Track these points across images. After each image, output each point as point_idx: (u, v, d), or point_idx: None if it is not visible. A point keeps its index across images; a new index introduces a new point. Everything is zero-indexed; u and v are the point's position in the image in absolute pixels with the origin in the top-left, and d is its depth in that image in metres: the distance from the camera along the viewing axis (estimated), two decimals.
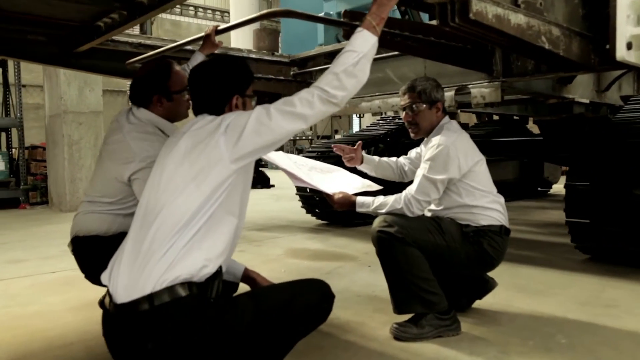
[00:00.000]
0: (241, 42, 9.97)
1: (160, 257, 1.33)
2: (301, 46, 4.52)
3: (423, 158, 2.22)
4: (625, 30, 1.87)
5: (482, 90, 3.00)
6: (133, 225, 1.46)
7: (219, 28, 2.43)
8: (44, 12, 2.59)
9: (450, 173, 2.12)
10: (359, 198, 2.21)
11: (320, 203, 4.93)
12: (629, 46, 1.88)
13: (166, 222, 1.37)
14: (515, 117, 6.30)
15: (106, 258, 1.48)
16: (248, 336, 1.40)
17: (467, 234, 2.14)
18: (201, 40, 2.56)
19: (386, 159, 2.56)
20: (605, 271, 3.13)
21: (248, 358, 1.41)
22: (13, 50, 3.22)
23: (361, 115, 5.34)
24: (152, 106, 1.95)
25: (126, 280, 1.35)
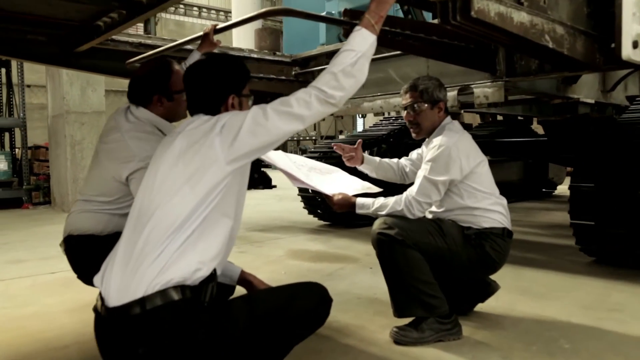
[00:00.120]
0: (243, 42, 9.96)
1: (153, 260, 1.30)
2: (303, 46, 4.48)
3: (424, 159, 2.18)
4: (631, 28, 1.83)
5: (485, 90, 2.96)
6: (126, 226, 1.43)
7: (218, 27, 2.41)
8: (44, 12, 2.59)
9: (451, 174, 2.08)
10: (359, 199, 2.18)
11: (322, 204, 4.90)
12: (635, 45, 1.84)
13: (159, 224, 1.34)
14: (519, 118, 6.26)
15: (101, 258, 1.46)
16: (243, 341, 1.37)
17: (469, 237, 2.10)
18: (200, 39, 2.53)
19: (387, 160, 2.52)
20: (610, 274, 3.08)
21: None
22: (13, 50, 3.21)
23: (364, 115, 5.31)
24: (152, 106, 1.93)
25: (118, 283, 1.33)
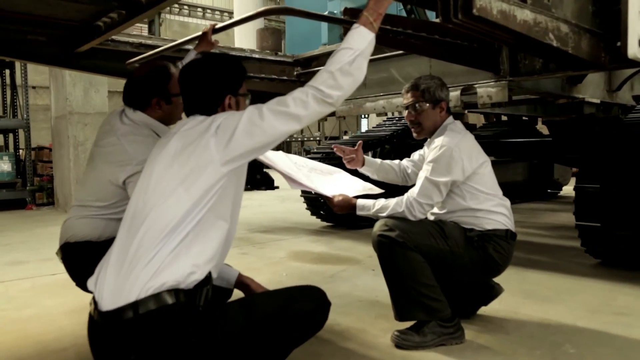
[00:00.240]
0: (245, 42, 9.95)
1: (146, 263, 1.28)
2: (305, 46, 4.46)
3: (426, 160, 2.15)
4: (637, 26, 1.79)
5: (489, 90, 2.92)
6: (121, 229, 1.41)
7: (217, 27, 2.38)
8: (44, 12, 2.58)
9: (453, 175, 2.04)
10: (360, 201, 2.15)
11: (325, 205, 4.87)
12: None
13: (153, 227, 1.32)
14: (524, 118, 6.21)
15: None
16: (239, 345, 1.35)
17: (472, 239, 2.06)
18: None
19: (388, 162, 2.49)
20: (616, 276, 3.03)
21: None
22: (13, 50, 3.20)
23: (366, 115, 5.28)
24: (150, 109, 1.90)
25: (112, 286, 1.30)
